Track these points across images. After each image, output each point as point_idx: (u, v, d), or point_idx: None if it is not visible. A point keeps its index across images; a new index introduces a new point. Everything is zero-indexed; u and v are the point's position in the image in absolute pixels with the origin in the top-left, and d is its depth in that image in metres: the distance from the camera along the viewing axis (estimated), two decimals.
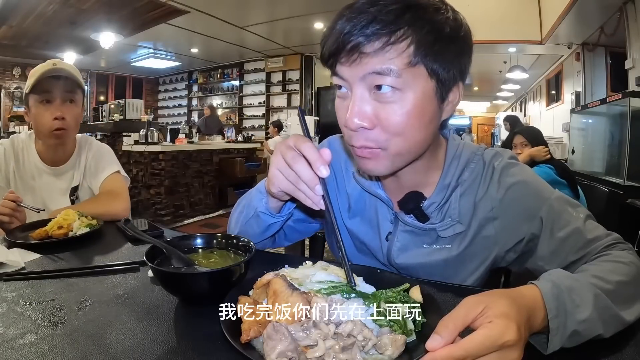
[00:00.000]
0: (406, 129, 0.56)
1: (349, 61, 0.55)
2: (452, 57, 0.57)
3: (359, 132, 0.57)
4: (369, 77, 0.54)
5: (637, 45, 3.68)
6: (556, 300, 0.45)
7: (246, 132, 8.28)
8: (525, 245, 0.66)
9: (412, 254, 0.70)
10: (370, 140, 0.57)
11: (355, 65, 0.55)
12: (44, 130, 1.24)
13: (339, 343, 0.41)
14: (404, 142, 0.58)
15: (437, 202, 0.68)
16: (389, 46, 0.53)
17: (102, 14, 5.52)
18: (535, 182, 0.68)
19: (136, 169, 4.46)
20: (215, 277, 0.55)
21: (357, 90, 0.56)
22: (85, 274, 0.70)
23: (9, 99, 7.83)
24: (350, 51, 0.54)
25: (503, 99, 11.89)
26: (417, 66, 0.54)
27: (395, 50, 0.53)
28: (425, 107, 0.57)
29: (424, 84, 0.56)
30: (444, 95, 0.58)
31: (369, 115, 0.56)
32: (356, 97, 0.56)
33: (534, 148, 2.29)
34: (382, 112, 0.56)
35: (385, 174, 0.65)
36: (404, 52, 0.53)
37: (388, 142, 0.57)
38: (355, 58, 0.54)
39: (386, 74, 0.53)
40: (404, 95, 0.55)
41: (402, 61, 0.53)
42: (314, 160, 0.54)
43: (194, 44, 8.05)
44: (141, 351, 0.45)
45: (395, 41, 0.52)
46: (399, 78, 0.54)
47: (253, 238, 0.74)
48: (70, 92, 1.24)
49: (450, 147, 0.70)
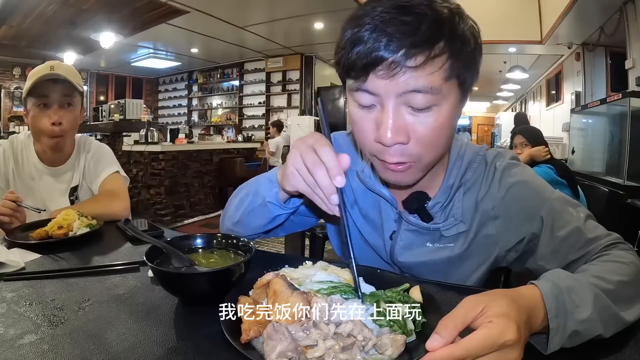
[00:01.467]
0: (440, 140, 0.57)
1: (388, 75, 0.51)
2: (474, 67, 0.57)
3: (394, 148, 0.56)
4: (409, 94, 0.52)
5: (637, 45, 3.68)
6: (556, 300, 0.45)
7: (246, 132, 8.29)
8: (526, 245, 0.67)
9: (415, 252, 0.71)
10: (406, 155, 0.56)
11: (395, 80, 0.51)
12: (41, 134, 1.25)
13: (339, 343, 0.41)
14: (435, 153, 0.59)
15: (441, 202, 0.69)
16: (429, 61, 0.50)
17: (102, 14, 5.52)
18: (536, 182, 0.68)
19: (136, 169, 4.45)
20: (215, 277, 0.55)
21: (391, 105, 0.53)
22: (85, 274, 0.70)
23: (9, 99, 7.82)
24: (391, 65, 0.50)
25: (503, 99, 11.89)
26: (451, 80, 0.54)
27: (435, 65, 0.51)
28: (454, 117, 0.57)
29: (455, 95, 0.56)
30: (464, 102, 0.59)
31: (405, 131, 0.54)
32: (391, 112, 0.53)
33: (534, 148, 2.29)
34: (418, 126, 0.54)
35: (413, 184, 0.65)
36: (442, 67, 0.52)
37: (420, 155, 0.57)
38: (396, 72, 0.51)
39: (427, 92, 0.52)
40: (439, 109, 0.54)
41: (440, 76, 0.52)
42: (332, 168, 0.51)
43: (194, 44, 8.05)
44: (141, 351, 0.45)
45: (435, 56, 0.51)
46: (437, 95, 0.52)
47: (255, 228, 0.73)
48: (67, 96, 1.23)
49: (453, 147, 0.71)
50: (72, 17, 5.66)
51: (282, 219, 0.72)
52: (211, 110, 10.50)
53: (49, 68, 1.21)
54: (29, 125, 1.26)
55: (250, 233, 0.75)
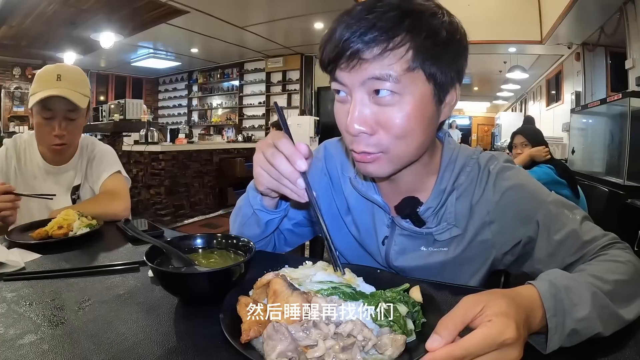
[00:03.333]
0: (406, 132, 0.57)
1: (348, 67, 0.55)
2: (449, 61, 0.58)
3: (359, 137, 0.58)
4: (369, 82, 0.55)
5: (637, 45, 3.68)
6: (554, 300, 0.45)
7: (246, 132, 8.30)
8: (523, 248, 0.67)
9: (410, 256, 0.71)
10: (371, 145, 0.58)
11: (355, 71, 0.55)
12: (43, 142, 1.26)
13: (339, 343, 0.41)
14: (404, 145, 0.59)
15: (433, 207, 0.68)
16: (387, 52, 0.53)
17: (102, 14, 5.53)
18: (531, 185, 0.68)
19: (136, 169, 4.46)
20: (215, 277, 0.55)
21: (357, 95, 0.57)
22: (85, 274, 0.70)
23: (9, 99, 7.83)
24: (350, 57, 0.54)
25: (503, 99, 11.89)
26: (416, 71, 0.55)
27: (394, 56, 0.54)
28: (423, 110, 0.57)
29: (422, 88, 0.56)
30: (441, 98, 0.59)
31: (369, 120, 0.57)
32: (356, 102, 0.56)
33: (534, 148, 2.29)
34: (382, 116, 0.56)
35: (385, 176, 0.65)
36: (403, 58, 0.54)
37: (388, 146, 0.58)
38: (354, 64, 0.55)
39: (385, 79, 0.54)
40: (402, 99, 0.56)
41: (400, 66, 0.54)
42: (291, 155, 0.56)
43: (194, 44, 8.05)
44: (141, 351, 0.45)
45: (394, 47, 0.53)
46: (397, 83, 0.54)
47: (253, 237, 0.74)
48: (72, 111, 1.23)
49: (445, 151, 0.70)
50: (72, 17, 5.67)
51: (275, 223, 0.74)
52: (211, 110, 10.50)
53: (56, 77, 1.19)
54: (33, 126, 1.26)
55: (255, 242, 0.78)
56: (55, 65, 1.25)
